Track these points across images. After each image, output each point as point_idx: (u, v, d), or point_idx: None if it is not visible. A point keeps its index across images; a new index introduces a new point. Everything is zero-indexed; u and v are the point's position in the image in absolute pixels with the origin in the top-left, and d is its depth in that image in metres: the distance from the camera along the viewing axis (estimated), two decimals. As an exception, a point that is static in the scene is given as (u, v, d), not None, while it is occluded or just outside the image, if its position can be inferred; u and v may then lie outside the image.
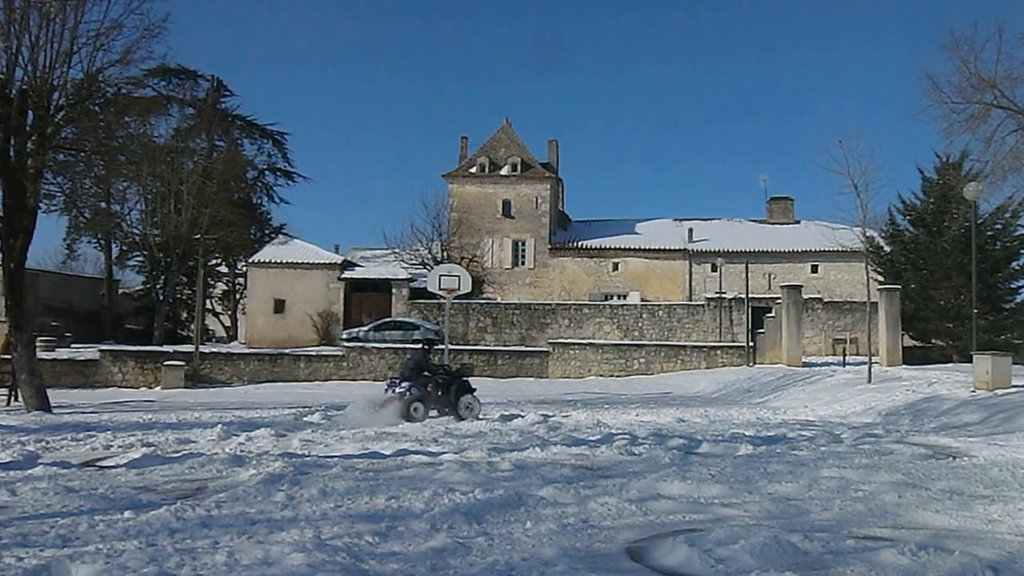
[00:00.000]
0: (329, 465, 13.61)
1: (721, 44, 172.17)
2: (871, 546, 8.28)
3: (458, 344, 49.93)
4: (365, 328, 52.54)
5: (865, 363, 33.72)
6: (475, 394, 24.06)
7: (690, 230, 68.81)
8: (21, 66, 25.25)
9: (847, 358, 46.07)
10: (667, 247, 66.82)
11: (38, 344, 30.46)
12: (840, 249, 41.87)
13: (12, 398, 29.30)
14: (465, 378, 24.23)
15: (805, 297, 50.10)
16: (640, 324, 54.24)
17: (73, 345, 53.16)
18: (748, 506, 10.37)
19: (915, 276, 47.17)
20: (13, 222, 26.52)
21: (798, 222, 70.07)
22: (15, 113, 25.48)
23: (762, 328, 50.06)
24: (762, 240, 66.81)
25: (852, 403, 26.69)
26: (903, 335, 44.53)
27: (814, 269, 64.49)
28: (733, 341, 51.96)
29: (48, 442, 17.36)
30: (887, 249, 49.70)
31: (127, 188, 62.79)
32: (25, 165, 26.07)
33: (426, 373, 23.64)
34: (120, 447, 16.55)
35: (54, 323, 56.03)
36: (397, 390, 23.07)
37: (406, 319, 53.49)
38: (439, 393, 23.50)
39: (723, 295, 55.32)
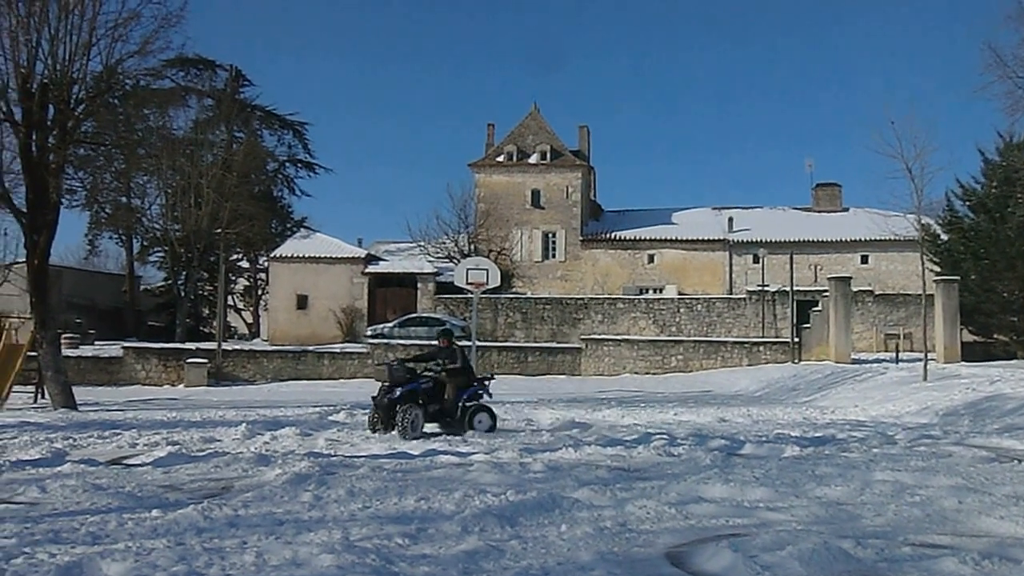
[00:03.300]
0: (356, 465, 13.45)
1: (763, 23, 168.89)
2: (929, 554, 7.87)
3: (486, 341, 49.56)
4: (390, 324, 52.23)
5: (920, 360, 32.95)
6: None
7: (730, 219, 66.77)
8: (42, 60, 25.65)
9: (900, 354, 44.73)
10: (705, 237, 65.23)
11: (63, 341, 30.51)
12: (892, 238, 40.54)
13: (39, 395, 29.39)
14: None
15: (854, 289, 48.85)
16: (677, 319, 53.47)
17: (96, 342, 53.56)
18: (795, 510, 10.00)
19: (975, 266, 45.74)
20: (36, 218, 26.79)
21: (846, 209, 67.99)
22: (36, 108, 25.81)
23: (808, 323, 48.53)
24: (807, 229, 64.59)
25: (906, 402, 25.87)
26: (962, 330, 43.19)
27: (864, 260, 62.51)
28: (777, 337, 50.96)
29: (75, 439, 17.52)
30: (944, 237, 48.42)
31: (147, 182, 63.15)
32: (47, 160, 26.33)
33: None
34: (145, 445, 16.66)
35: (77, 320, 56.50)
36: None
37: (432, 315, 53.15)
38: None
39: (766, 288, 53.88)
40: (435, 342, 20.84)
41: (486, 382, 20.09)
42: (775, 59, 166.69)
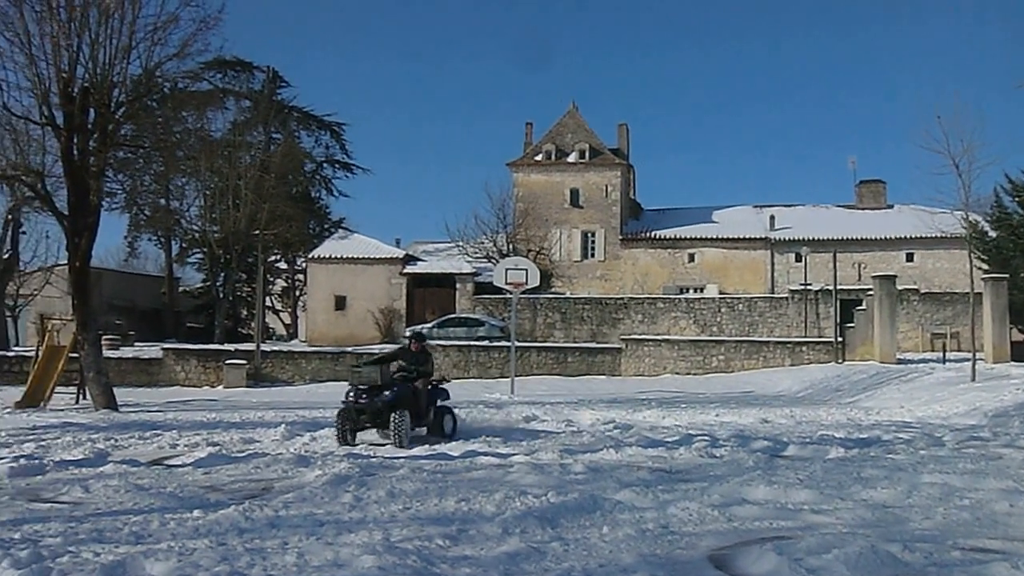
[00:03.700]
0: (396, 466, 13.43)
1: (803, 17, 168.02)
2: (980, 559, 7.72)
3: (525, 341, 49.43)
4: (429, 325, 52.13)
5: (968, 360, 32.45)
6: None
7: (772, 217, 66.19)
8: (82, 64, 25.90)
9: (947, 354, 43.99)
10: (747, 236, 64.71)
11: (103, 343, 30.72)
12: (939, 235, 39.91)
13: (80, 396, 29.61)
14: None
15: (899, 288, 48.15)
16: (719, 319, 53.15)
17: (136, 343, 53.93)
18: (840, 513, 9.86)
19: (1025, 263, 44.74)
20: (78, 221, 27.05)
21: (891, 207, 66.95)
22: (77, 111, 26.05)
23: (852, 322, 47.77)
24: (851, 227, 63.77)
25: (954, 403, 25.37)
26: (1011, 329, 42.60)
27: (909, 257, 61.68)
28: (820, 336, 50.31)
29: (116, 440, 17.66)
30: (993, 234, 47.46)
31: (186, 184, 63.55)
32: (88, 163, 26.62)
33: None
34: (186, 446, 16.77)
35: (117, 322, 56.86)
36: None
37: (471, 315, 53.15)
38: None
39: (808, 287, 53.37)
40: (407, 342, 19.28)
41: (441, 385, 19.62)
42: (817, 56, 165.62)
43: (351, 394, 17.86)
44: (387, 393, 17.46)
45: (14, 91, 26.18)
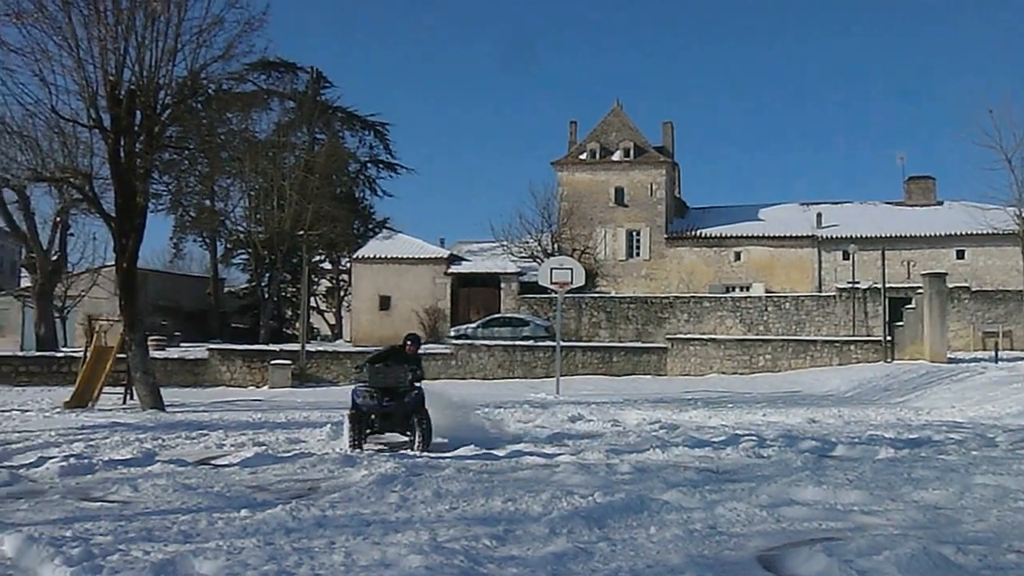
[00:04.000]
0: (442, 466, 13.38)
1: (851, 12, 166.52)
2: (1036, 562, 7.59)
3: (571, 340, 49.32)
4: (473, 325, 52.28)
5: (1021, 359, 32.13)
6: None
7: (818, 215, 66.01)
8: (129, 67, 26.04)
9: (999, 353, 43.31)
10: (793, 234, 64.60)
11: (150, 343, 30.95)
12: (990, 232, 39.70)
13: (128, 396, 29.86)
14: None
15: (950, 286, 47.61)
16: (765, 317, 52.92)
17: (182, 344, 54.48)
18: (891, 514, 9.73)
19: (1080, 260, 43.98)
20: (124, 222, 27.28)
21: (940, 203, 66.55)
22: (124, 114, 26.24)
23: (900, 321, 47.53)
24: (900, 224, 63.40)
25: (1007, 403, 25.04)
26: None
27: (959, 255, 61.03)
28: (868, 335, 49.99)
29: (164, 440, 17.70)
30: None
31: (230, 185, 64.13)
32: (135, 165, 26.85)
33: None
34: (232, 446, 16.84)
35: (163, 322, 57.34)
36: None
37: (516, 315, 53.24)
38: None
39: (856, 285, 52.98)
40: (397, 344, 18.03)
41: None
42: (865, 51, 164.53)
43: (372, 395, 16.46)
44: (414, 394, 16.59)
45: (62, 94, 26.35)
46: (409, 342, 17.72)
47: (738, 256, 64.76)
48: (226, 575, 7.07)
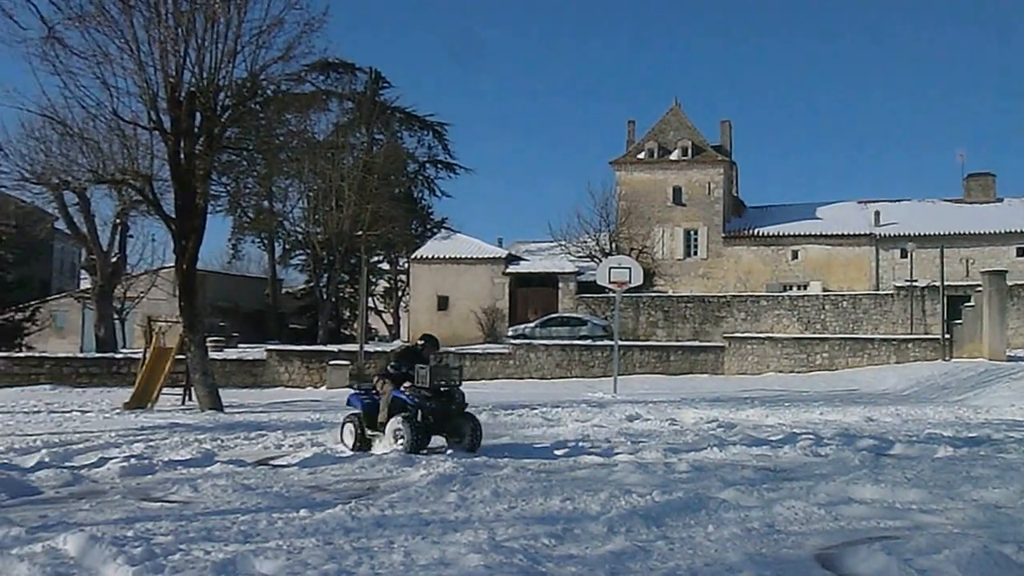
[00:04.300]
0: (500, 466, 13.42)
1: (907, 10, 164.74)
2: (1101, 562, 7.51)
3: (628, 340, 49.19)
4: (531, 324, 52.25)
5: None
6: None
7: (876, 213, 65.21)
8: (189, 69, 26.23)
9: (1061, 352, 42.93)
10: (851, 232, 64.05)
11: (209, 344, 31.22)
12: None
13: (186, 397, 30.12)
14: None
15: (1010, 284, 47.20)
16: (822, 316, 52.43)
17: (240, 345, 54.62)
18: (950, 513, 9.68)
19: None
20: (184, 224, 27.52)
21: (1000, 200, 65.81)
22: (184, 116, 26.45)
23: (959, 319, 47.05)
24: (958, 222, 62.48)
25: (1068, 402, 24.76)
26: None
27: (1020, 252, 60.18)
28: (926, 333, 49.22)
29: (223, 440, 17.81)
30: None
31: (289, 186, 64.37)
32: (194, 167, 27.05)
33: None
34: (291, 446, 16.89)
35: (221, 323, 57.66)
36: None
37: (573, 314, 53.15)
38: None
39: (914, 283, 52.35)
40: (413, 345, 17.41)
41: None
42: (922, 48, 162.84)
43: (424, 395, 15.48)
44: (461, 393, 16.02)
45: (123, 97, 26.53)
46: (424, 343, 17.13)
47: (795, 255, 64.38)
48: (286, 574, 7.14)
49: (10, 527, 8.64)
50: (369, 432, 16.10)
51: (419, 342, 17.18)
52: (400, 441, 15.18)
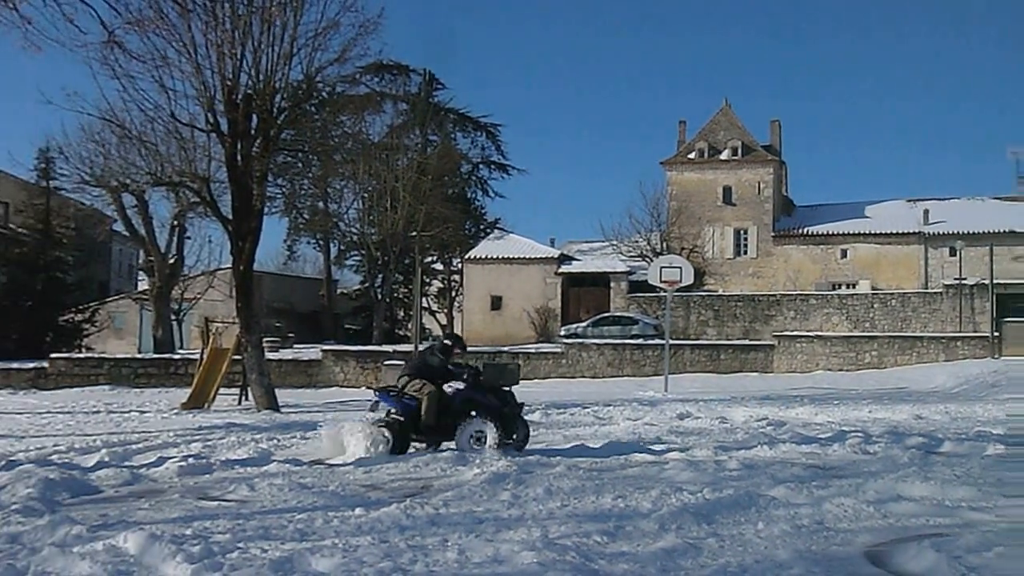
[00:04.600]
0: (553, 464, 13.44)
1: (954, 7, 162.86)
2: None
3: (679, 339, 49.15)
4: (583, 324, 52.37)
5: None
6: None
7: (925, 211, 64.84)
8: (246, 71, 26.44)
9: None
10: (900, 231, 63.80)
11: (265, 345, 31.55)
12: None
13: (243, 397, 30.37)
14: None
15: (1060, 281, 46.42)
16: (871, 315, 52.22)
17: (296, 345, 55.04)
18: (1001, 510, 9.66)
19: None
20: (241, 225, 27.74)
21: (1053, 198, 64.98)
22: (241, 118, 26.70)
23: (1009, 317, 46.93)
24: (1009, 219, 61.70)
25: (1120, 400, 24.46)
26: None
27: (1072, 250, 59.54)
28: (975, 331, 49.01)
29: (279, 440, 18.00)
30: None
31: (344, 187, 64.45)
32: (251, 168, 27.29)
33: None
34: None
35: (277, 324, 58.06)
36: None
37: (625, 314, 53.26)
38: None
39: (963, 281, 51.95)
40: (447, 341, 16.44)
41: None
42: (973, 45, 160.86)
43: (488, 395, 15.23)
44: (510, 392, 15.58)
45: (181, 100, 26.91)
46: (455, 343, 16.30)
47: (844, 253, 64.17)
48: (343, 572, 7.24)
49: (72, 526, 8.80)
50: (413, 436, 15.37)
51: (446, 342, 16.41)
52: (478, 442, 14.92)
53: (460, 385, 15.37)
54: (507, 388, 15.65)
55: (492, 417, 15.07)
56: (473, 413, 15.25)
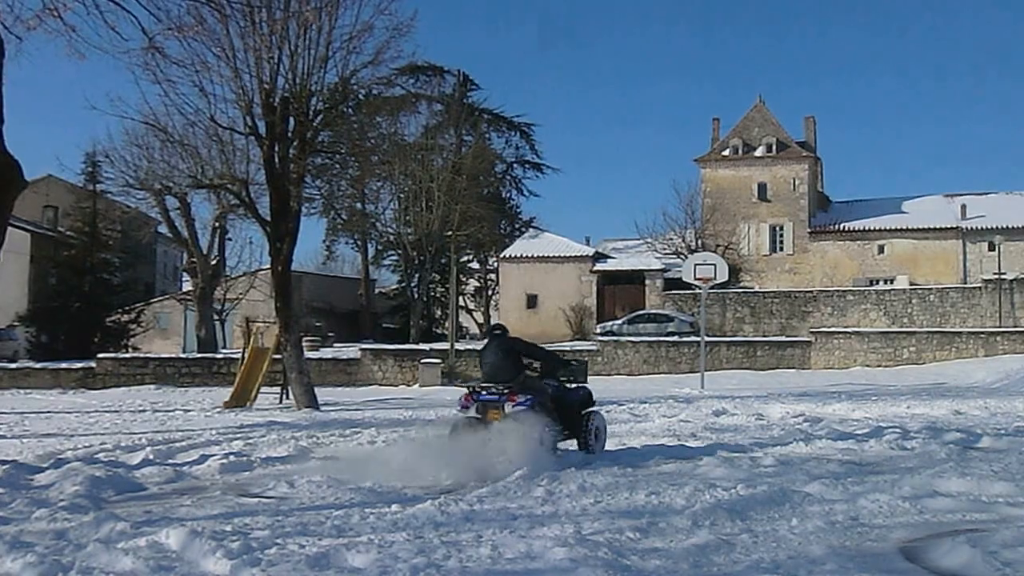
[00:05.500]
0: (588, 461, 13.41)
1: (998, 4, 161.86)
2: None
3: (715, 335, 49.11)
4: (619, 321, 52.39)
5: None
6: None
7: (963, 206, 64.69)
8: (282, 75, 26.68)
9: None
10: (937, 226, 63.60)
11: (304, 344, 31.71)
12: None
13: (283, 396, 30.59)
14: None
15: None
16: (909, 310, 51.99)
17: (335, 344, 55.53)
18: (1040, 506, 9.59)
19: None
20: (279, 227, 27.95)
21: (1093, 191, 64.25)
22: (278, 121, 26.95)
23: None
24: (1049, 213, 61.61)
25: None
26: None
27: (1111, 244, 59.05)
28: (1015, 326, 48.81)
29: (318, 438, 18.00)
30: None
31: (380, 188, 64.57)
32: (288, 170, 27.49)
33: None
34: (384, 443, 17.00)
35: (317, 323, 58.57)
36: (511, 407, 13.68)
37: (660, 311, 53.24)
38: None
39: (1002, 276, 51.79)
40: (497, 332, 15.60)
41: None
42: (1011, 38, 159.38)
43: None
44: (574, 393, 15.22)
45: (220, 103, 27.14)
46: (501, 332, 15.56)
47: (881, 249, 63.93)
48: (378, 568, 7.28)
49: (116, 522, 8.93)
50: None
51: (496, 332, 15.57)
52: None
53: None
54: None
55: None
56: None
